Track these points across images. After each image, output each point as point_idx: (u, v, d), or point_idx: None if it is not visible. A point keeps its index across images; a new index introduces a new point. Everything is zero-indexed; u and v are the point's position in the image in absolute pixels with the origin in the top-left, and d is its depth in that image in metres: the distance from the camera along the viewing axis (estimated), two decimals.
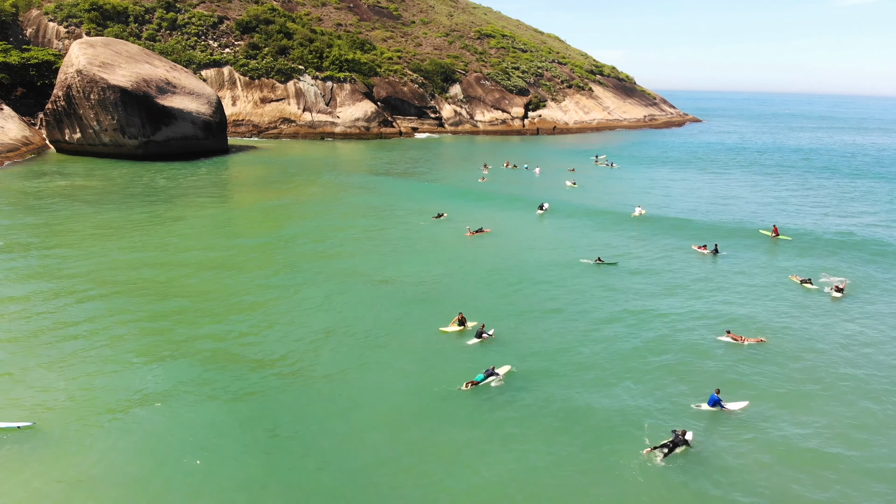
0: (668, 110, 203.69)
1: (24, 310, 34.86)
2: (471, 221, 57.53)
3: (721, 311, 37.75)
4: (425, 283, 41.27)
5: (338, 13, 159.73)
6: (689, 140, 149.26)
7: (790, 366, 30.86)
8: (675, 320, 36.10)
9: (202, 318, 34.58)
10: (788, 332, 34.97)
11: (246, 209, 63.91)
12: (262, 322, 34.23)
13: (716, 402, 26.47)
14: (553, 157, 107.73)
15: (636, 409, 26.57)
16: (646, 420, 25.61)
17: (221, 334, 32.53)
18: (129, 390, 26.78)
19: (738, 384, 28.84)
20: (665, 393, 28.05)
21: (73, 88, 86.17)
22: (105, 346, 30.85)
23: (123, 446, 23.10)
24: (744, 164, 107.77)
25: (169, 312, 35.14)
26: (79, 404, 25.65)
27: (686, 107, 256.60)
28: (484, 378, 28.34)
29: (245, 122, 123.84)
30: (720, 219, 62.55)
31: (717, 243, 51.08)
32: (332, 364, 29.73)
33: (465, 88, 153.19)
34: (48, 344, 30.77)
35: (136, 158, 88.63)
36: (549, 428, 24.99)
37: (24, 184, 70.18)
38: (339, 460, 22.69)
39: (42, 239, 49.25)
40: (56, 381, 27.39)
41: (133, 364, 29.08)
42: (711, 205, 70.79)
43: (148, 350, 30.50)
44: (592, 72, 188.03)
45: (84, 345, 30.81)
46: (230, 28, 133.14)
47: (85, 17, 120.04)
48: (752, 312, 37.68)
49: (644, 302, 38.90)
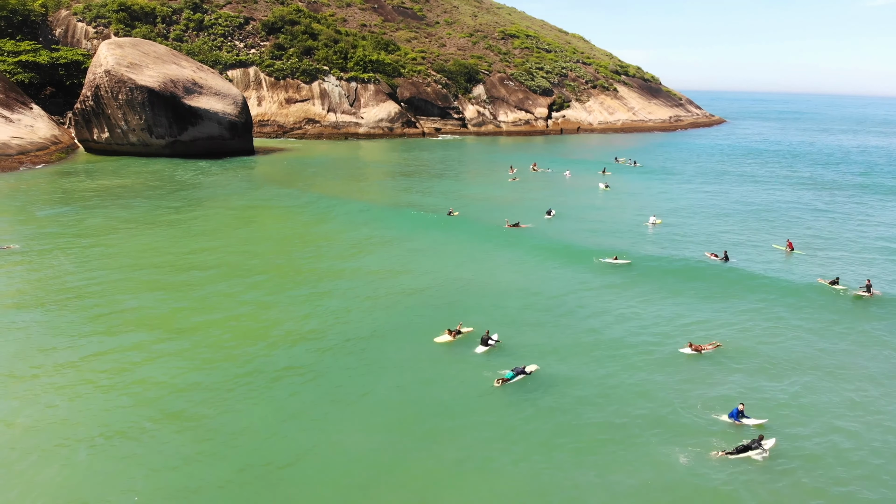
0: (693, 111, 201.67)
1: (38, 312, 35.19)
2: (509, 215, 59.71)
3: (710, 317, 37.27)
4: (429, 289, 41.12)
5: (362, 14, 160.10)
6: (718, 143, 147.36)
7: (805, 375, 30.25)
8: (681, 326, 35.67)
9: (207, 324, 34.56)
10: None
11: (261, 213, 64.06)
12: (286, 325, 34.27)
13: (735, 416, 26.00)
14: (580, 159, 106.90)
15: (656, 410, 26.22)
16: (670, 419, 25.24)
17: (223, 339, 32.27)
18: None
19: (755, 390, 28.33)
20: (682, 398, 27.68)
21: (102, 88, 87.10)
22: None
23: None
24: (784, 178, 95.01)
25: (168, 320, 35.26)
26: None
27: (711, 107, 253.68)
28: (514, 376, 28.75)
29: (270, 123, 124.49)
30: (737, 232, 61.26)
31: (727, 250, 50.24)
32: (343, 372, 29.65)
33: (489, 89, 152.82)
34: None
35: (163, 157, 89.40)
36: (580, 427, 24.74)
37: (55, 182, 71.09)
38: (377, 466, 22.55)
39: (66, 239, 49.75)
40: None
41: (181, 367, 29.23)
42: (736, 219, 69.66)
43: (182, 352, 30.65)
44: (617, 72, 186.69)
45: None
46: (256, 29, 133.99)
47: (113, 18, 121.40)
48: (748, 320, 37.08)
49: (658, 307, 38.57)
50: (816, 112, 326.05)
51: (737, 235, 57.71)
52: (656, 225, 60.62)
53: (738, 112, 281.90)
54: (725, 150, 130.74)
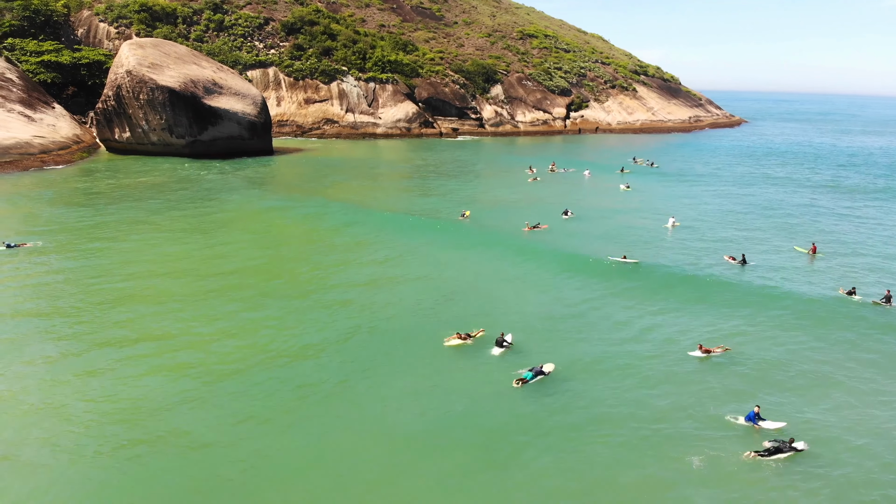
0: (713, 111, 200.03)
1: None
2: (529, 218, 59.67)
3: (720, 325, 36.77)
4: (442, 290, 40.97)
5: (381, 14, 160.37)
6: (738, 144, 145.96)
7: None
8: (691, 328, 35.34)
9: (218, 332, 34.67)
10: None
11: (275, 217, 64.28)
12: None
13: (752, 419, 25.75)
14: (597, 160, 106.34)
15: (677, 412, 26.01)
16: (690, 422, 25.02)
17: (236, 346, 32.18)
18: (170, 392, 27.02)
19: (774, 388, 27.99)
20: (697, 400, 27.50)
21: (123, 88, 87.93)
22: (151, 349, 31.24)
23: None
24: (805, 180, 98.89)
25: (167, 324, 35.43)
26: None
27: (732, 108, 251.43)
28: (533, 376, 28.78)
29: (289, 123, 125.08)
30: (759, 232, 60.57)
31: (745, 253, 49.62)
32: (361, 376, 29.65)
33: (507, 89, 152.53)
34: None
35: (183, 157, 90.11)
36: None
37: (77, 181, 71.90)
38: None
39: (82, 238, 50.27)
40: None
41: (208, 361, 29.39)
42: (754, 218, 68.97)
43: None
44: (636, 72, 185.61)
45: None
46: (275, 29, 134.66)
47: (135, 18, 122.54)
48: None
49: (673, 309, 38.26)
50: (840, 113, 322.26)
51: (756, 238, 57.03)
52: (675, 227, 60.12)
53: (759, 112, 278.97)
54: (746, 150, 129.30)
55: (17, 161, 79.08)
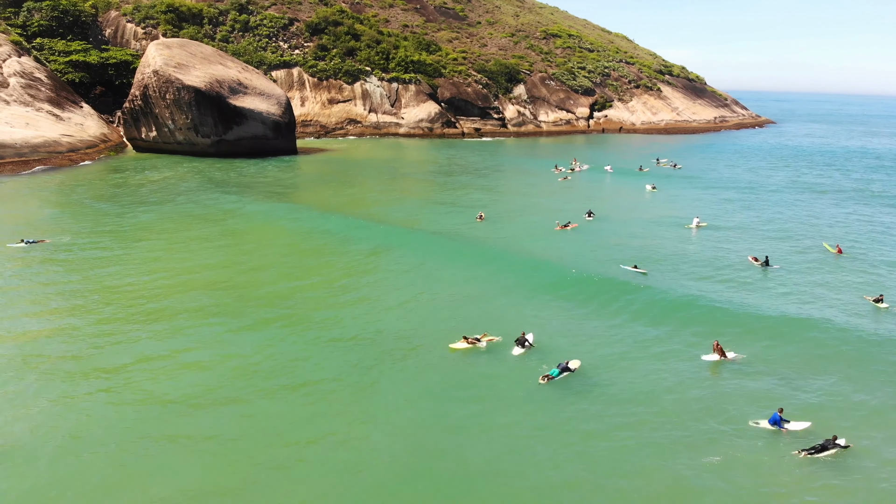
0: (739, 112, 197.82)
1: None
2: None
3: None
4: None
5: (405, 14, 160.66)
6: (764, 144, 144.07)
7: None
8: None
9: (231, 339, 34.80)
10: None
11: (292, 223, 64.57)
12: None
13: (776, 422, 25.31)
14: (620, 158, 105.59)
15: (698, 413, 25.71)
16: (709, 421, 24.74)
17: (251, 352, 32.08)
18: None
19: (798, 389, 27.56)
20: (719, 403, 27.16)
21: (150, 88, 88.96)
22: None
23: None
24: (833, 182, 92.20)
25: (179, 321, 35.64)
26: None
27: (758, 108, 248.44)
28: (559, 373, 28.97)
29: (313, 123, 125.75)
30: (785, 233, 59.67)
31: (768, 255, 48.85)
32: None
33: (530, 89, 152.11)
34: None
35: (208, 156, 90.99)
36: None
37: (101, 178, 72.85)
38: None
39: (98, 236, 50.88)
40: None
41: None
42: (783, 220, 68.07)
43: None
44: (661, 72, 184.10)
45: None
46: (300, 30, 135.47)
47: (161, 19, 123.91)
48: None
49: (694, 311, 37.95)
50: (871, 114, 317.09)
51: (780, 239, 56.29)
52: (700, 227, 59.52)
53: (787, 113, 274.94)
54: (772, 152, 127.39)
55: (45, 159, 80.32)
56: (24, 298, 36.79)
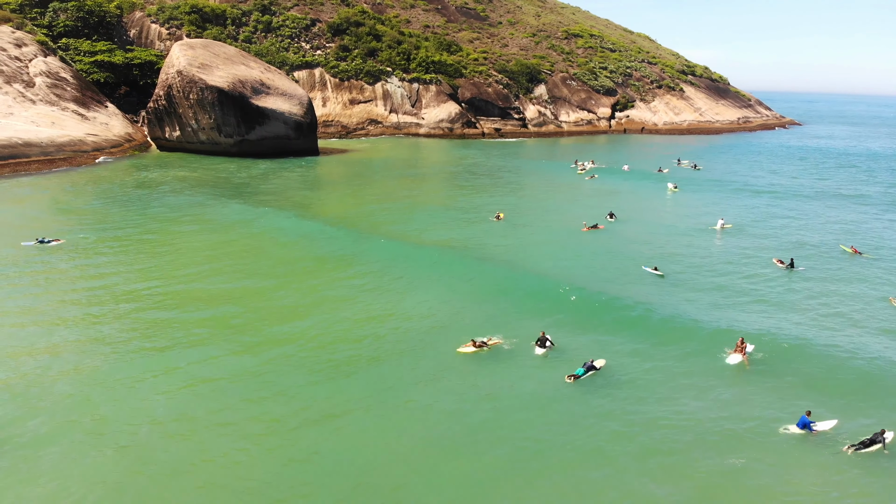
0: (763, 112, 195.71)
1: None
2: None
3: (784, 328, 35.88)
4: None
5: (426, 15, 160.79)
6: (788, 145, 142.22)
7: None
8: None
9: (246, 346, 34.83)
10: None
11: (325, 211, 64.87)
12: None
13: (805, 425, 25.03)
14: (641, 159, 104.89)
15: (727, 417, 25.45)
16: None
17: (276, 336, 32.45)
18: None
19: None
20: (746, 406, 26.85)
21: (174, 88, 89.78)
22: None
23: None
24: (859, 184, 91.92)
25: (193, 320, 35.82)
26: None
27: (782, 109, 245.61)
28: (584, 372, 29.00)
29: (334, 123, 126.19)
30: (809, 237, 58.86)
31: (793, 258, 48.32)
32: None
33: (551, 89, 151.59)
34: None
35: (231, 156, 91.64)
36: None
37: (123, 178, 73.57)
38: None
39: (115, 237, 51.29)
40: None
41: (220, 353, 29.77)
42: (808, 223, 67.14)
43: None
44: (684, 72, 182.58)
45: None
46: (322, 30, 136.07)
47: (185, 20, 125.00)
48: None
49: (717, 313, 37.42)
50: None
51: (804, 241, 55.71)
52: (725, 229, 58.95)
53: (812, 114, 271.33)
54: (796, 153, 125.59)
55: (70, 158, 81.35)
56: (37, 299, 36.81)
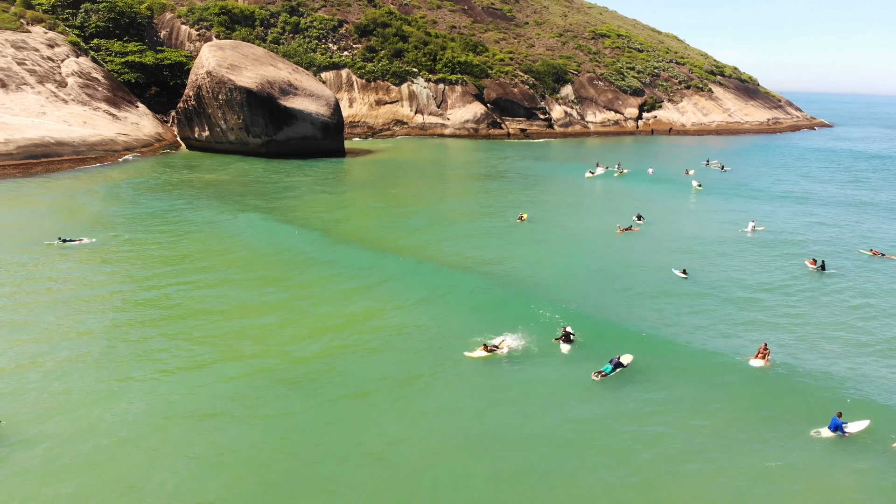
0: (793, 113, 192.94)
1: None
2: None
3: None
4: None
5: (452, 15, 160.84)
6: (819, 147, 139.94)
7: None
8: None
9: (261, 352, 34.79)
10: None
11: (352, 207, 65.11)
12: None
13: (837, 427, 24.60)
14: (668, 160, 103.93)
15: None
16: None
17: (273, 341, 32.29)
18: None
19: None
20: (774, 408, 26.46)
21: (203, 89, 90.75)
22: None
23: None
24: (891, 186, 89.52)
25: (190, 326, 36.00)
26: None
27: (813, 110, 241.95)
28: (612, 369, 28.72)
29: (360, 124, 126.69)
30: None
31: (825, 259, 47.76)
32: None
33: (577, 89, 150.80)
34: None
35: (259, 156, 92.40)
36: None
37: (152, 177, 74.55)
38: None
39: (138, 238, 51.87)
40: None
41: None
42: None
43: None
44: (712, 72, 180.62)
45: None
46: (349, 31, 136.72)
47: (215, 21, 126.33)
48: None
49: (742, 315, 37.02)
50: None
51: (835, 244, 55.00)
52: (756, 231, 58.22)
53: (844, 116, 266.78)
54: (827, 155, 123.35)
55: (101, 157, 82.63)
56: (54, 298, 36.82)
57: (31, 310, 34.57)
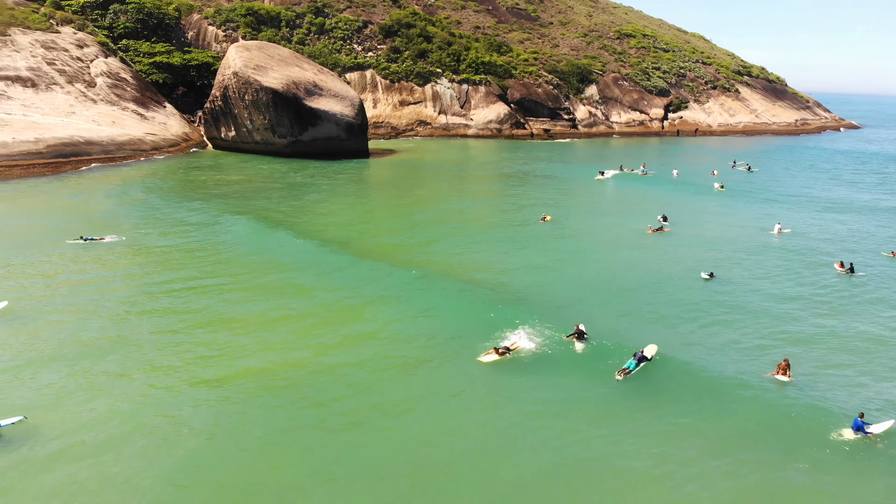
0: (821, 114, 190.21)
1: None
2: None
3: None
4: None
5: (476, 16, 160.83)
6: (848, 149, 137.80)
7: None
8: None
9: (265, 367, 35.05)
10: None
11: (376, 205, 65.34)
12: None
13: (859, 428, 24.23)
14: (694, 161, 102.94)
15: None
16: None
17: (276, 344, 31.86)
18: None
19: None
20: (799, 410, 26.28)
21: (230, 89, 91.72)
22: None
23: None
24: None
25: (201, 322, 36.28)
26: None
27: (843, 111, 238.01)
28: (636, 364, 27.76)
29: (384, 125, 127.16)
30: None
31: (853, 262, 47.09)
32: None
33: (602, 89, 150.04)
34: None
35: (284, 156, 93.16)
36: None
37: (179, 175, 75.50)
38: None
39: (160, 237, 52.48)
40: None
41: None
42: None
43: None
44: (739, 72, 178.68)
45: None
46: (373, 32, 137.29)
47: (241, 22, 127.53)
48: None
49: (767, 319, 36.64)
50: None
51: (863, 246, 54.41)
52: (783, 233, 57.55)
53: (875, 117, 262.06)
54: (856, 157, 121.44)
55: (129, 156, 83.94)
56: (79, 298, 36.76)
57: (38, 306, 34.96)
